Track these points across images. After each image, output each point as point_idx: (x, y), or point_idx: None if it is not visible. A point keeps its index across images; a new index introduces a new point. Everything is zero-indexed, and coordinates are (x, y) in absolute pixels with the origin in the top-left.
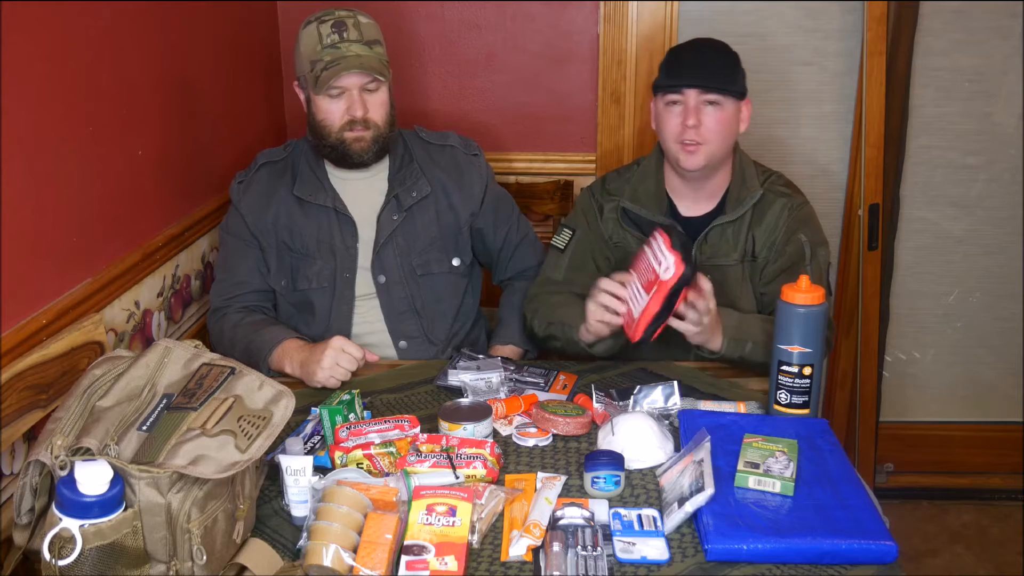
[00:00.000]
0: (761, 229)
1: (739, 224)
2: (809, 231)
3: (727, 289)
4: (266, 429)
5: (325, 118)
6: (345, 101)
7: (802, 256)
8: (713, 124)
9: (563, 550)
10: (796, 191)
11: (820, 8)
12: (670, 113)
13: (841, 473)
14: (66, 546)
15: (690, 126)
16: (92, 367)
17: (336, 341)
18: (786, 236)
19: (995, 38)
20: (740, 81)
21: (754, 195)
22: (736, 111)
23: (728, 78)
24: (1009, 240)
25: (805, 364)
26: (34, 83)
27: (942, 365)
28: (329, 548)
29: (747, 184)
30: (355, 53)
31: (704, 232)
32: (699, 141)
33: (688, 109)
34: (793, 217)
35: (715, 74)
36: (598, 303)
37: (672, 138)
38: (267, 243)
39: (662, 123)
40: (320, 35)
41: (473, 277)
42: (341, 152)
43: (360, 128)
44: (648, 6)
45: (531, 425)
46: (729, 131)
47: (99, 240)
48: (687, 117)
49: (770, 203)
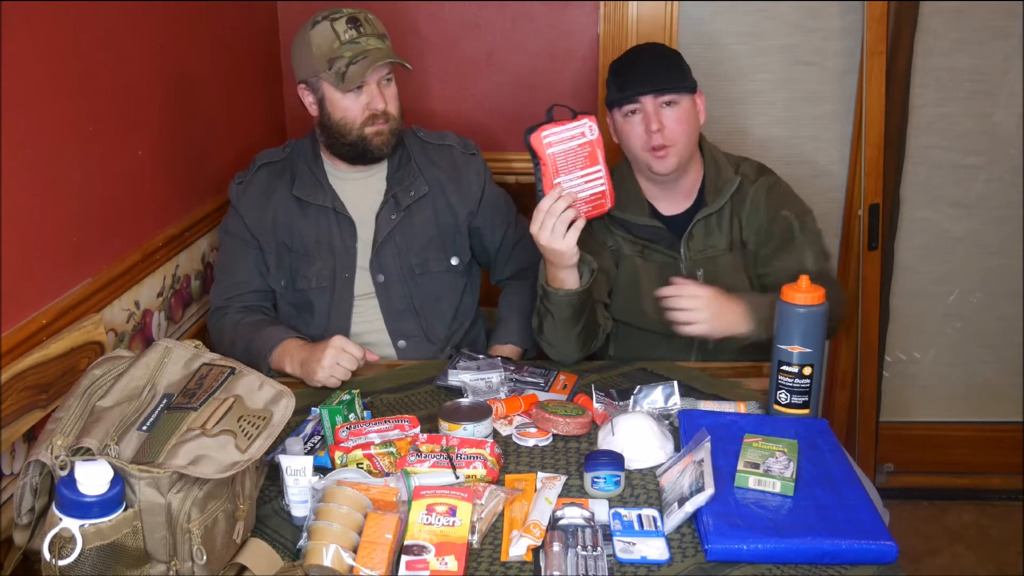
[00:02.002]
0: (745, 213)
1: (721, 214)
2: (790, 204)
3: (722, 279)
4: (266, 429)
5: (345, 115)
6: (366, 96)
7: (791, 231)
8: (675, 124)
9: (563, 550)
10: (768, 171)
11: (820, 8)
12: (631, 124)
13: (841, 473)
14: (66, 546)
15: (654, 131)
16: (92, 367)
17: (336, 340)
18: (770, 216)
19: (995, 38)
20: (689, 75)
21: (732, 183)
22: (692, 105)
23: (677, 76)
24: (1009, 240)
25: (805, 364)
26: (34, 83)
27: (942, 365)
28: (329, 548)
29: (722, 174)
30: (375, 47)
31: (689, 228)
32: (666, 144)
33: (648, 115)
34: (772, 196)
35: (664, 75)
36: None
37: (640, 148)
38: (266, 243)
39: (625, 136)
40: (336, 32)
41: (472, 276)
42: (361, 148)
43: (381, 121)
44: (648, 6)
45: (531, 425)
46: (692, 126)
47: (99, 240)
48: (649, 123)
49: (748, 187)
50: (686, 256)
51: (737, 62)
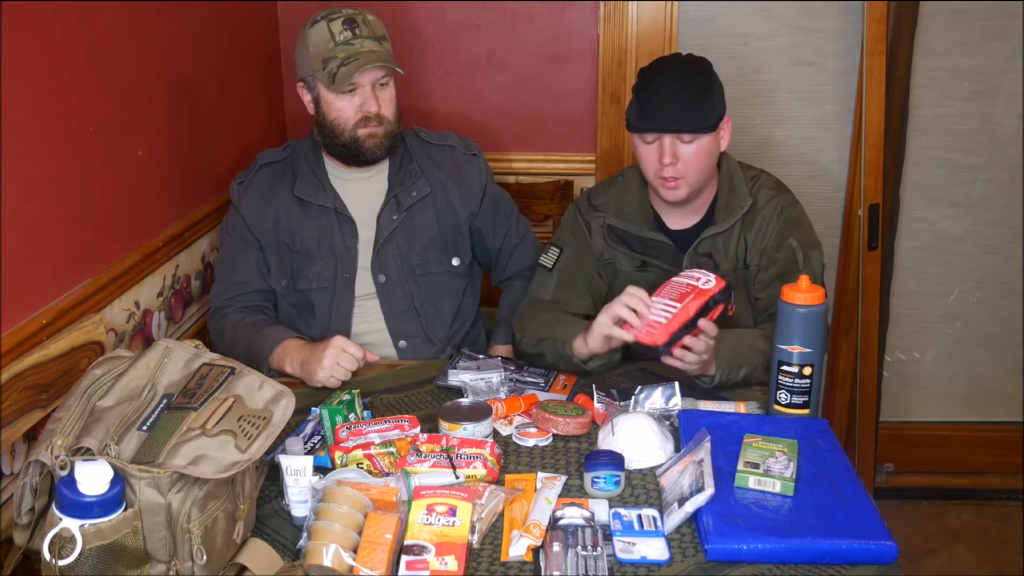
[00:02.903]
0: (752, 234)
1: (729, 234)
2: (800, 234)
3: None
4: (266, 429)
5: (339, 116)
6: (359, 97)
7: (795, 262)
8: (692, 159)
9: (563, 550)
10: (784, 191)
11: (820, 8)
12: (646, 148)
13: (841, 473)
14: (66, 546)
15: (667, 164)
16: (92, 367)
17: (337, 340)
18: (777, 241)
19: (995, 38)
20: (715, 112)
21: (744, 205)
22: (714, 138)
23: (700, 116)
24: (1009, 240)
25: (805, 364)
26: (34, 83)
27: (942, 365)
28: (329, 548)
29: (735, 193)
30: (369, 49)
31: (694, 244)
32: (678, 176)
33: (664, 149)
34: (783, 220)
35: (685, 117)
36: (613, 314)
37: (651, 174)
38: (267, 244)
39: (639, 156)
40: (332, 32)
41: (472, 277)
42: (354, 150)
43: (374, 124)
44: (648, 6)
45: (531, 425)
46: (709, 159)
47: (99, 240)
48: (663, 155)
49: (760, 207)
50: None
51: (737, 62)
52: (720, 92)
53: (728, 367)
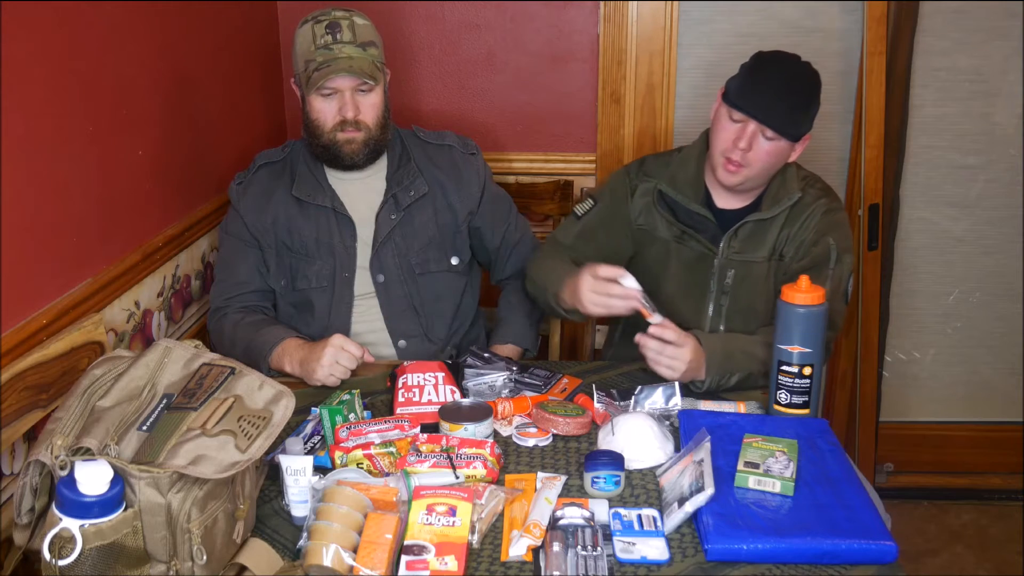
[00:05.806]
0: (795, 228)
1: (772, 223)
2: (839, 235)
3: (749, 285)
4: (266, 429)
5: (318, 118)
6: (337, 102)
7: (827, 259)
8: (763, 154)
9: (563, 550)
10: (834, 196)
11: (820, 8)
12: (729, 124)
13: (841, 473)
14: (66, 546)
15: (740, 147)
16: (92, 367)
17: (336, 339)
18: (815, 237)
19: (995, 38)
20: (805, 126)
21: (792, 196)
22: (789, 147)
23: (793, 123)
24: (1009, 240)
25: (805, 364)
26: (34, 83)
27: (942, 365)
28: (329, 548)
29: (786, 185)
30: (347, 55)
31: (735, 226)
32: (743, 164)
33: (744, 132)
34: (826, 219)
35: (781, 116)
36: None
37: (720, 149)
38: (266, 243)
39: (717, 128)
40: (314, 35)
41: (472, 276)
42: (333, 153)
43: (352, 129)
44: (648, 6)
45: (531, 425)
46: (776, 163)
47: (99, 240)
48: (740, 137)
49: (807, 204)
50: (723, 253)
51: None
52: (816, 111)
53: (719, 372)
